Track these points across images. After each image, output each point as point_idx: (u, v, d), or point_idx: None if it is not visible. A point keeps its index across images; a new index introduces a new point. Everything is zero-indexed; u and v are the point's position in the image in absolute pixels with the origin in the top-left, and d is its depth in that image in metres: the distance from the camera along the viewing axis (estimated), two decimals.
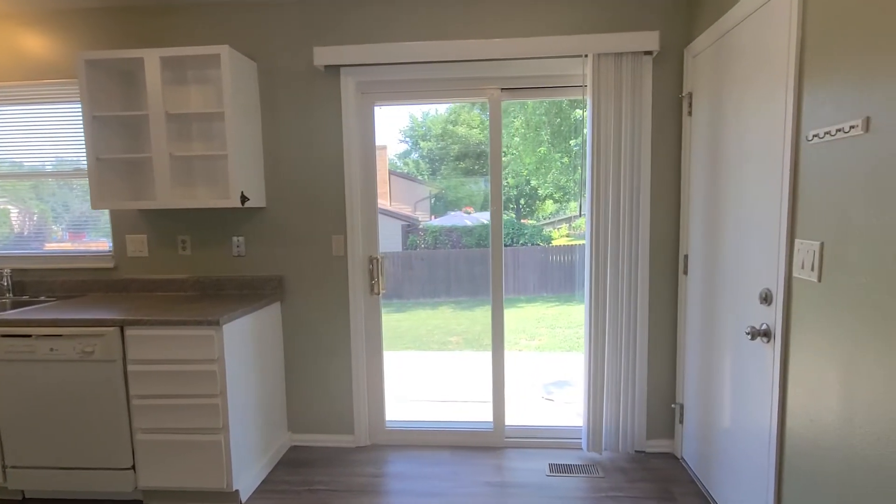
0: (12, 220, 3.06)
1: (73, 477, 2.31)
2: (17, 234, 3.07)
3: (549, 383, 4.64)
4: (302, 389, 2.88)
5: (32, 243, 3.06)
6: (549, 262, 10.39)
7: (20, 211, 3.07)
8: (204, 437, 2.23)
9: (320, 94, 2.70)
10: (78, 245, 3.04)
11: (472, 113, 11.70)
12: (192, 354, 2.20)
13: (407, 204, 14.16)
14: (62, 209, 3.03)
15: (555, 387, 4.52)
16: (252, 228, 2.81)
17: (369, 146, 2.76)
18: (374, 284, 2.81)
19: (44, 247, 3.05)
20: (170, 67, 2.62)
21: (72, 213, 3.04)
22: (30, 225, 3.06)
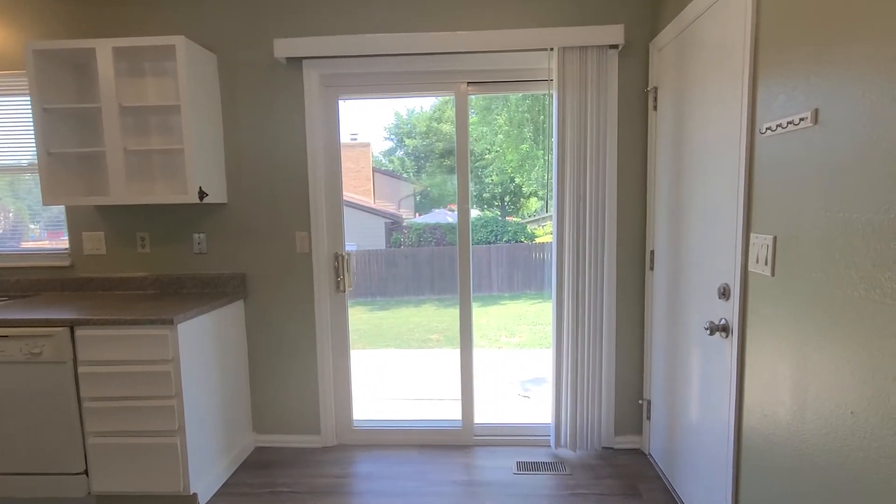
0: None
1: (24, 483, 2.23)
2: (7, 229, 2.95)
3: (527, 380, 4.63)
4: (267, 389, 2.81)
5: (9, 242, 2.93)
6: (532, 260, 10.41)
7: None
8: (160, 440, 2.16)
9: (282, 87, 2.63)
10: (42, 243, 2.94)
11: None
12: (146, 355, 2.13)
13: (391, 201, 14.09)
14: (39, 206, 2.91)
15: (532, 384, 4.51)
16: (213, 225, 2.74)
17: (333, 140, 2.70)
18: (340, 282, 2.75)
19: (20, 245, 2.93)
20: (125, 59, 2.54)
21: (50, 211, 2.92)
22: (5, 223, 2.93)
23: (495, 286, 10.16)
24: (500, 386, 4.43)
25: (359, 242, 11.02)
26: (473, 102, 11.07)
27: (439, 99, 14.31)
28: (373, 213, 12.11)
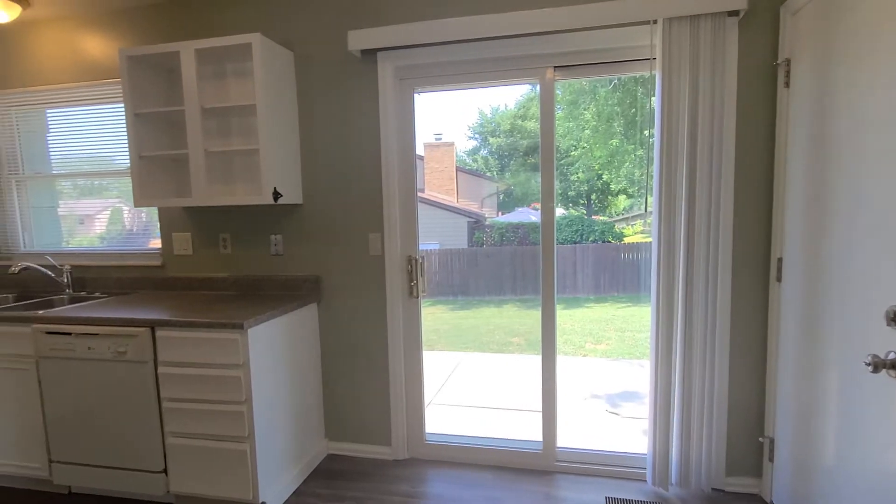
0: (124, 219, 3.13)
1: (111, 476, 2.31)
2: (127, 231, 3.14)
3: (615, 394, 4.24)
4: (339, 396, 2.74)
5: (140, 240, 3.10)
6: (621, 261, 9.77)
7: (130, 209, 3.12)
8: (230, 446, 2.13)
9: (357, 82, 2.52)
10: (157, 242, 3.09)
11: None
12: (218, 358, 2.10)
13: (474, 200, 13.99)
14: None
15: (621, 399, 4.11)
16: (289, 226, 2.70)
17: (409, 137, 2.54)
18: (414, 286, 2.60)
19: (149, 244, 3.08)
20: (208, 61, 2.56)
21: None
22: (138, 223, 3.13)
23: (580, 288, 9.67)
24: (584, 398, 4.08)
25: (441, 241, 11.02)
26: (559, 98, 10.60)
27: (524, 96, 13.96)
28: (455, 212, 12.06)
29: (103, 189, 3.14)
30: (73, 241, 3.19)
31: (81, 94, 2.95)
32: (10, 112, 3.12)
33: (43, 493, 2.48)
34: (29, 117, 3.12)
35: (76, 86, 2.93)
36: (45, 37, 2.94)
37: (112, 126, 2.97)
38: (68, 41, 2.90)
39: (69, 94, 2.97)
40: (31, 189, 3.19)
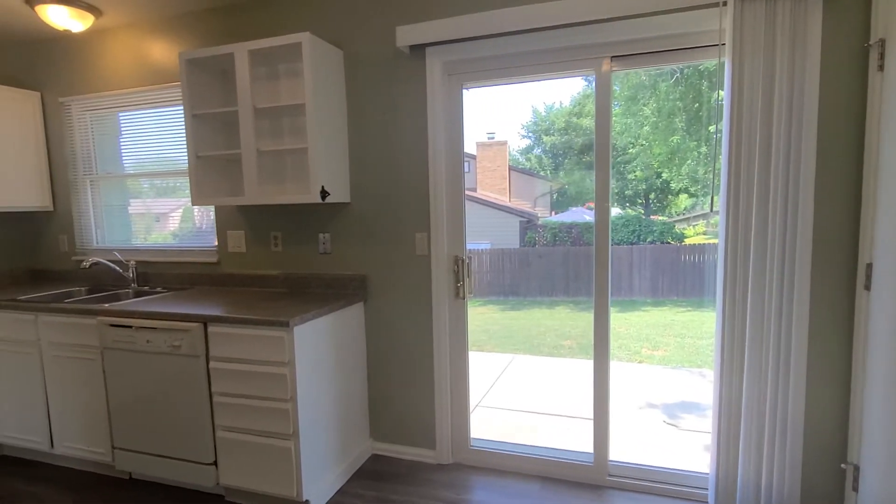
0: (195, 217, 3.25)
1: (166, 465, 2.39)
2: (197, 228, 3.26)
3: (674, 404, 4.00)
4: (384, 396, 2.72)
5: (209, 237, 3.18)
6: (681, 263, 9.29)
7: (199, 208, 3.21)
8: (275, 443, 2.15)
9: (405, 79, 2.49)
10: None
11: None
12: (264, 355, 2.13)
13: (527, 200, 13.79)
14: None
15: (680, 410, 3.87)
16: (337, 225, 2.71)
17: (457, 134, 2.48)
18: (460, 288, 2.53)
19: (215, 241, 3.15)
20: (261, 62, 2.61)
21: None
22: (207, 221, 3.23)
23: (637, 290, 9.28)
24: (640, 408, 3.88)
25: (493, 241, 10.92)
26: (617, 94, 10.21)
27: (579, 93, 13.57)
28: (507, 211, 11.92)
29: (176, 189, 3.27)
30: (150, 237, 3.32)
31: (148, 97, 3.09)
32: (85, 116, 3.32)
33: (107, 478, 2.61)
34: (102, 120, 3.30)
35: (144, 89, 3.06)
36: (115, 44, 3.11)
37: (177, 127, 3.09)
38: (136, 47, 3.05)
39: (138, 98, 3.12)
40: (103, 188, 3.39)
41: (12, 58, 3.41)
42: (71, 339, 2.53)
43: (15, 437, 2.77)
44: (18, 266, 3.53)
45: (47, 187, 3.39)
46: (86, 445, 2.60)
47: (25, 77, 3.39)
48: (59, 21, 2.74)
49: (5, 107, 3.15)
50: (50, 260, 3.50)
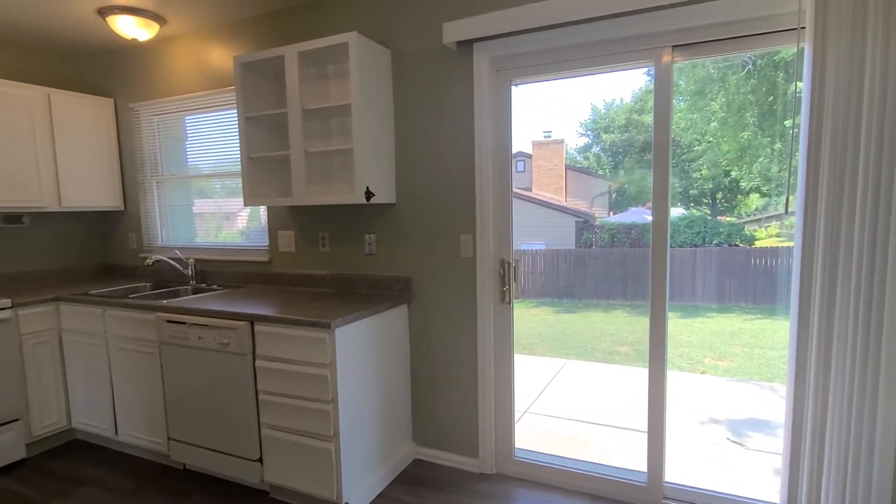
0: (261, 216, 3.35)
1: (216, 459, 2.46)
2: (262, 227, 3.31)
3: (740, 421, 3.71)
4: (427, 401, 2.67)
5: (263, 237, 3.24)
6: (751, 267, 8.69)
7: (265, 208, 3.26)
8: (317, 443, 2.16)
9: (451, 77, 2.43)
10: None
11: None
12: (307, 356, 2.13)
13: (583, 200, 13.41)
14: None
15: (747, 427, 3.58)
16: (383, 226, 2.69)
17: (504, 132, 2.39)
18: (506, 292, 2.44)
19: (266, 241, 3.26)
20: (310, 64, 2.63)
21: None
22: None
23: (700, 295, 8.78)
24: (701, 423, 3.62)
25: (548, 241, 10.70)
26: (682, 88, 9.68)
27: (641, 88, 13.00)
28: (563, 211, 11.64)
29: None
30: (220, 235, 3.43)
31: (210, 101, 3.20)
32: (153, 120, 3.50)
33: (164, 467, 2.73)
34: (168, 124, 3.47)
35: (206, 94, 3.18)
36: (179, 51, 3.25)
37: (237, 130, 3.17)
38: (197, 53, 3.17)
39: (201, 102, 3.24)
40: (168, 189, 3.56)
41: (90, 67, 3.65)
42: (133, 332, 2.67)
43: (85, 422, 2.96)
44: (94, 262, 3.78)
45: (119, 188, 3.60)
46: (145, 435, 2.73)
47: (101, 84, 3.62)
48: (127, 30, 2.89)
49: (84, 113, 3.37)
50: (121, 256, 3.72)
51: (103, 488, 2.52)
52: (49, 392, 2.93)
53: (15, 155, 3.01)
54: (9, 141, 2.98)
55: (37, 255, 3.45)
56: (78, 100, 3.33)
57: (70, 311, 2.90)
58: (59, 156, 3.22)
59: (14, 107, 3.01)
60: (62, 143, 3.24)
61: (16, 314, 2.78)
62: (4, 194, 2.97)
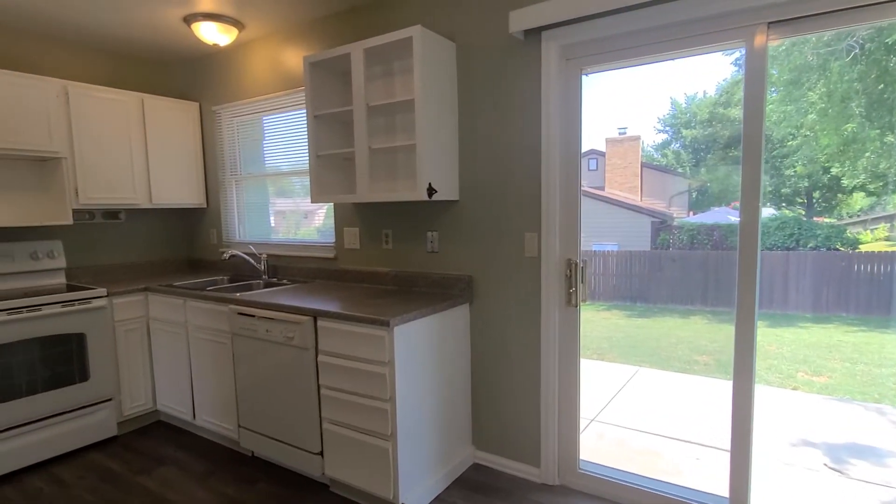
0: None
1: (281, 449, 2.53)
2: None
3: (839, 445, 3.31)
4: (488, 404, 2.59)
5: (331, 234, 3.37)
6: (854, 273, 7.83)
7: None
8: (374, 442, 2.15)
9: (518, 68, 2.33)
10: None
11: None
12: (366, 353, 2.13)
13: (660, 199, 12.73)
14: None
15: (848, 452, 3.19)
16: (445, 223, 2.64)
17: (573, 125, 2.26)
18: (572, 294, 2.31)
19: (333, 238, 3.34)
20: (377, 61, 2.63)
21: None
22: None
23: (792, 303, 8.03)
24: (793, 445, 3.26)
25: (621, 242, 10.27)
26: (774, 78, 8.89)
27: (727, 80, 12.08)
28: (638, 211, 11.12)
29: None
30: (299, 232, 3.53)
31: (284, 101, 3.31)
32: (232, 122, 3.69)
33: (234, 453, 2.85)
34: (247, 125, 3.63)
35: (280, 95, 3.29)
36: (255, 54, 3.39)
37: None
38: (272, 56, 3.30)
39: (276, 103, 3.36)
40: (246, 187, 3.73)
41: (177, 73, 3.91)
42: (209, 323, 2.81)
43: (168, 405, 3.16)
44: (180, 255, 4.05)
45: (202, 187, 3.83)
46: (218, 421, 2.87)
47: (187, 89, 3.87)
48: (209, 36, 3.05)
49: (174, 117, 3.61)
50: (203, 251, 3.96)
51: (180, 469, 2.68)
52: (138, 375, 3.16)
53: (115, 156, 3.28)
54: (109, 143, 3.24)
55: (131, 248, 3.74)
56: (167, 104, 3.57)
57: (156, 301, 3.11)
58: (150, 157, 3.47)
59: (114, 112, 3.27)
60: (153, 144, 3.48)
61: (111, 302, 3.02)
62: (105, 192, 3.24)
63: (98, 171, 3.20)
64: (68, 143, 3.07)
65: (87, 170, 3.14)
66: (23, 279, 3.09)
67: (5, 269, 3.00)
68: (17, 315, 2.62)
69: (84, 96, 3.12)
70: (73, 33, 3.23)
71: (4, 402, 2.59)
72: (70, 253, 3.38)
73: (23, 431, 2.66)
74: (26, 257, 3.09)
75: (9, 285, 3.03)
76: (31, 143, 2.90)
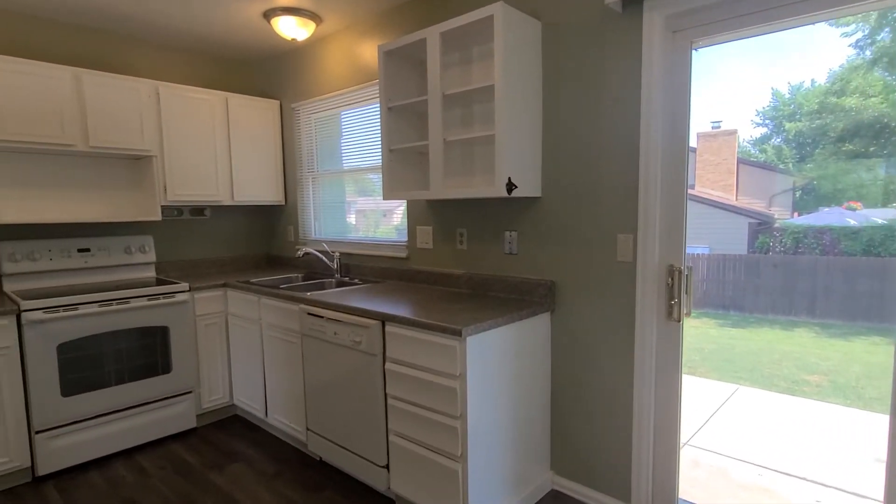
0: None
1: (347, 458, 2.42)
2: None
3: None
4: (569, 425, 2.33)
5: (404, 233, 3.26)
6: None
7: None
8: (443, 461, 1.96)
9: (613, 45, 2.04)
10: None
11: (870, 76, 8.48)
12: (435, 364, 1.95)
13: (759, 198, 11.60)
14: None
15: None
16: (525, 223, 2.41)
17: (680, 109, 1.93)
18: (674, 306, 1.99)
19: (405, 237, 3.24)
20: (455, 46, 2.46)
21: None
22: None
23: None
24: None
25: (712, 245, 9.45)
26: None
27: (842, 66, 10.69)
28: (733, 211, 10.16)
29: None
30: (378, 231, 3.47)
31: (361, 94, 3.21)
32: (310, 118, 3.68)
33: (303, 455, 2.80)
34: (324, 121, 3.60)
35: (356, 89, 3.21)
36: (332, 49, 3.34)
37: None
38: (348, 49, 3.22)
39: (353, 97, 3.28)
40: (322, 184, 3.71)
41: (258, 72, 3.97)
42: (280, 321, 2.77)
43: (243, 401, 3.19)
44: (260, 252, 4.12)
45: (281, 184, 3.86)
46: (288, 421, 2.83)
47: (268, 88, 3.92)
48: (287, 31, 3.02)
49: (254, 115, 3.66)
50: (281, 248, 4.00)
51: (249, 468, 2.66)
52: (216, 369, 3.22)
53: (200, 154, 3.36)
54: (195, 142, 3.33)
55: (215, 244, 3.85)
56: (250, 102, 3.63)
57: (234, 297, 3.15)
58: (233, 154, 3.53)
59: (201, 111, 3.36)
60: (236, 142, 3.54)
61: (192, 297, 3.08)
62: (191, 189, 3.33)
63: (184, 168, 3.29)
64: (158, 142, 3.17)
65: (174, 167, 3.24)
66: (118, 272, 3.24)
67: (103, 263, 3.15)
68: (108, 307, 2.72)
69: (173, 96, 3.22)
70: (161, 35, 3.34)
71: (95, 390, 2.70)
72: (159, 248, 3.53)
73: (111, 419, 2.76)
74: (121, 251, 3.24)
75: (105, 278, 3.19)
76: (126, 143, 3.03)
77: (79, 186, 3.12)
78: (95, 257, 3.12)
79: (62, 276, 3.03)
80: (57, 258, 2.98)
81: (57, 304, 2.56)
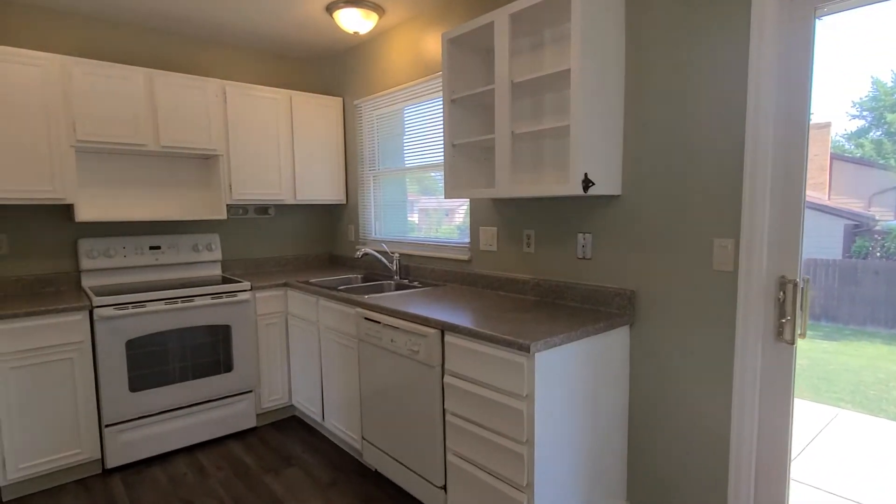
0: None
1: (403, 473, 2.28)
2: None
3: None
4: (649, 455, 2.05)
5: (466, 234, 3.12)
6: None
7: None
8: (506, 490, 1.76)
9: (713, 17, 1.75)
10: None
11: None
12: (499, 381, 1.75)
13: (856, 197, 10.41)
14: None
15: None
16: (601, 224, 2.15)
17: (798, 93, 1.62)
18: (785, 325, 1.67)
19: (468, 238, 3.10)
20: (525, 32, 2.25)
21: None
22: None
23: None
24: None
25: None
26: None
27: None
28: (826, 211, 9.16)
29: None
30: (440, 230, 3.34)
31: (424, 87, 3.05)
32: (372, 115, 3.59)
33: (358, 465, 2.69)
34: (387, 118, 3.48)
35: (419, 81, 3.05)
36: (395, 42, 3.22)
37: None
38: (412, 41, 3.09)
39: (416, 90, 3.12)
40: (383, 183, 3.61)
41: (322, 69, 3.94)
42: (337, 324, 2.68)
43: (302, 403, 3.15)
44: (322, 251, 4.10)
45: (342, 183, 3.81)
46: (344, 427, 2.73)
47: (331, 85, 3.87)
48: (350, 24, 2.93)
49: (317, 112, 3.62)
50: (342, 247, 3.95)
51: (305, 474, 2.59)
52: (276, 370, 3.19)
53: (265, 152, 3.36)
54: (259, 141, 3.33)
55: (279, 242, 3.86)
56: (313, 100, 3.59)
57: (294, 297, 3.11)
58: (296, 153, 3.51)
59: (264, 109, 3.35)
60: (299, 141, 3.52)
61: (254, 296, 3.07)
62: (257, 187, 3.34)
63: (248, 167, 3.30)
64: (224, 141, 3.19)
65: (239, 166, 3.25)
66: (185, 269, 3.30)
67: (172, 260, 3.22)
68: (173, 305, 2.75)
69: (239, 95, 3.23)
70: (228, 34, 3.36)
71: (161, 386, 2.73)
72: (225, 246, 3.56)
73: (174, 416, 2.79)
74: (189, 249, 3.29)
75: (174, 275, 3.26)
76: (194, 142, 3.06)
77: (152, 185, 3.20)
78: (165, 255, 3.19)
79: (134, 273, 3.11)
80: (130, 255, 3.07)
81: (126, 300, 2.60)
